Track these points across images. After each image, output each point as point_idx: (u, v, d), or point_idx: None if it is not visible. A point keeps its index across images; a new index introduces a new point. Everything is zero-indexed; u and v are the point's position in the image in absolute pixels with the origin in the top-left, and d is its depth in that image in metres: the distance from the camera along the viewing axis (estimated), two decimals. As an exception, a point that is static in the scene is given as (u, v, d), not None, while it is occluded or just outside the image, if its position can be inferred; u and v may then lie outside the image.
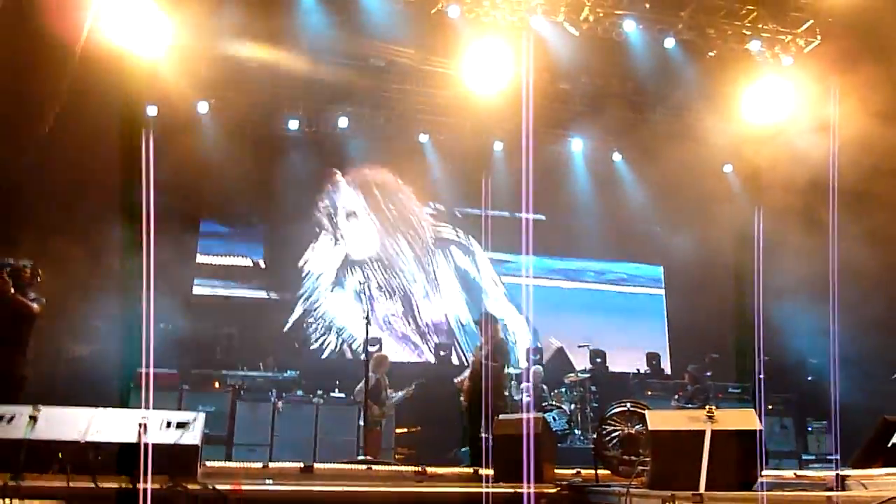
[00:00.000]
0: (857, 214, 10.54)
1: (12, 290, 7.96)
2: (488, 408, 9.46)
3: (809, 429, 12.14)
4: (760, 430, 7.03)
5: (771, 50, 12.26)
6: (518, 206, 14.63)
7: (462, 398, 10.19)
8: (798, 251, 11.64)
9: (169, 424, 6.85)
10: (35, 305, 8.09)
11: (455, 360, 14.66)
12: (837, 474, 6.99)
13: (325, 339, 14.62)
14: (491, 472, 7.79)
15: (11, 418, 6.63)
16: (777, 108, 12.11)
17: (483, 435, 9.17)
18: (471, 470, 8.38)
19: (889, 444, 6.97)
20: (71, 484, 6.35)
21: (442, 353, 14.48)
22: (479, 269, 15.67)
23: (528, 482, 4.51)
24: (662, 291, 16.43)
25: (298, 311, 14.59)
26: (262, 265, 14.61)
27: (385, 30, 11.70)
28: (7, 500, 6.10)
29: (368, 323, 9.68)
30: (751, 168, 13.91)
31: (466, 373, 10.31)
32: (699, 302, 14.65)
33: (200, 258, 14.23)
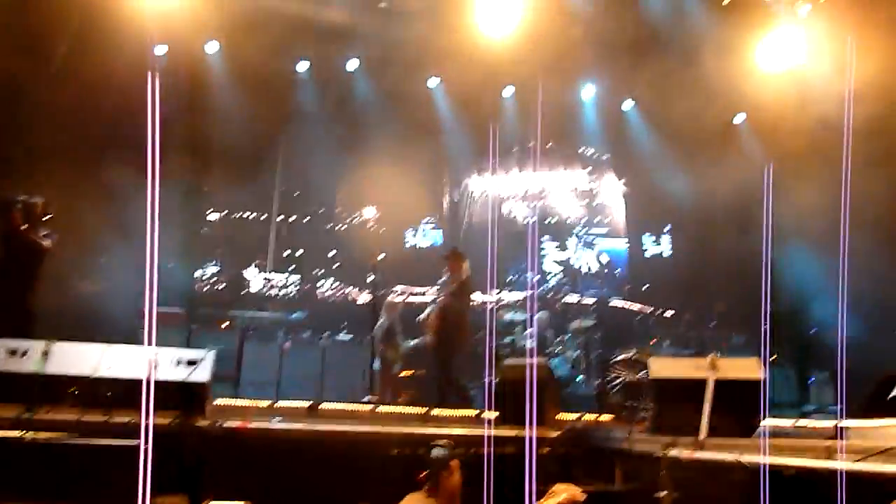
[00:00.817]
0: (871, 165, 10.48)
1: (24, 227, 8.05)
2: (467, 351, 9.51)
3: (811, 380, 12.23)
4: (763, 379, 7.14)
5: (787, -3, 12.06)
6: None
7: (427, 336, 10.08)
8: (808, 204, 11.63)
9: (179, 362, 6.99)
10: (46, 242, 8.19)
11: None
12: (837, 424, 7.12)
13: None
14: (495, 414, 7.93)
15: (25, 353, 6.77)
16: (792, 57, 11.96)
17: (489, 379, 9.28)
18: (475, 412, 8.52)
19: (889, 398, 7.07)
20: (83, 418, 6.50)
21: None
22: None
23: (531, 426, 4.59)
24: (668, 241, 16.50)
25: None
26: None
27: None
28: (22, 432, 6.25)
29: (375, 269, 9.70)
30: (763, 117, 13.80)
31: (429, 310, 10.20)
32: (706, 252, 14.68)
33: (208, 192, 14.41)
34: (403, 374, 11.55)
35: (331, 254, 15.72)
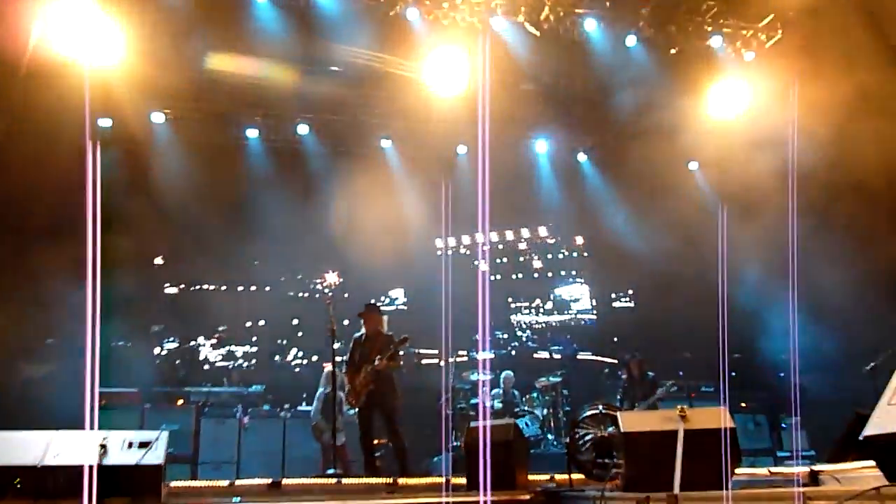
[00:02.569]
0: (821, 209, 10.69)
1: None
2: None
3: (783, 426, 12.24)
4: (733, 428, 7.09)
5: (733, 45, 12.37)
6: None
7: (348, 399, 9.70)
8: (765, 247, 11.76)
9: (130, 445, 6.77)
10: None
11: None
12: (811, 469, 7.08)
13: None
14: (463, 480, 7.78)
15: (-35, 446, 6.50)
16: (740, 103, 12.24)
17: (454, 444, 9.09)
18: (442, 479, 8.34)
19: (861, 438, 7.04)
20: (29, 510, 6.25)
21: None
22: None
23: (485, 491, 4.48)
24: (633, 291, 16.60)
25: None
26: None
27: (343, 34, 11.63)
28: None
29: (334, 337, 9.46)
30: (715, 164, 14.04)
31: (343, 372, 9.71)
32: (668, 300, 14.74)
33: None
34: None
35: (293, 323, 15.56)
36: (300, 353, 15.17)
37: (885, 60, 10.16)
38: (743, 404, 12.44)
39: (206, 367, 14.09)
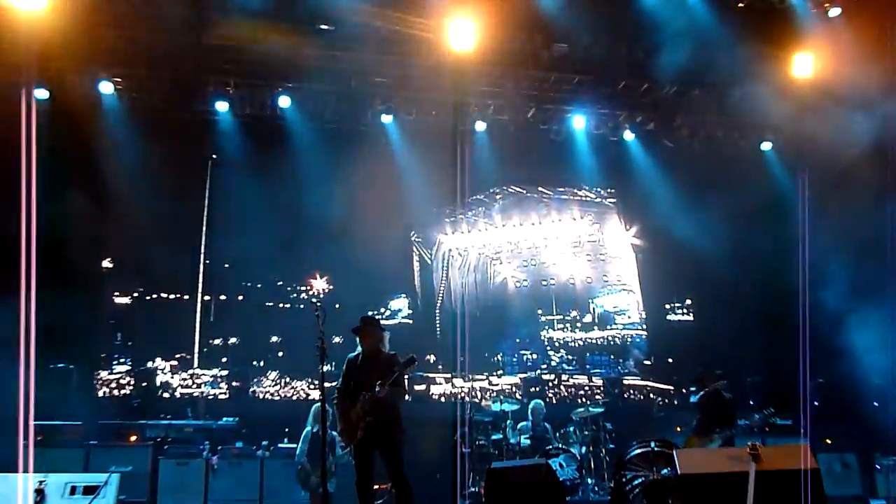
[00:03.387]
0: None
1: None
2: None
3: (878, 467, 12.19)
4: (816, 469, 7.09)
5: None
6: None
7: (342, 435, 9.52)
8: (854, 248, 11.70)
9: (73, 490, 6.84)
10: None
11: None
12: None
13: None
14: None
15: None
16: (823, 69, 12.19)
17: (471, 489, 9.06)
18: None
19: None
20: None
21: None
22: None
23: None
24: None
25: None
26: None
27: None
28: None
29: (323, 357, 9.37)
30: (791, 139, 13.98)
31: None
32: (735, 312, 14.68)
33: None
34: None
35: (272, 340, 15.58)
36: (281, 378, 15.17)
37: None
38: (828, 440, 12.40)
39: (166, 394, 14.11)
